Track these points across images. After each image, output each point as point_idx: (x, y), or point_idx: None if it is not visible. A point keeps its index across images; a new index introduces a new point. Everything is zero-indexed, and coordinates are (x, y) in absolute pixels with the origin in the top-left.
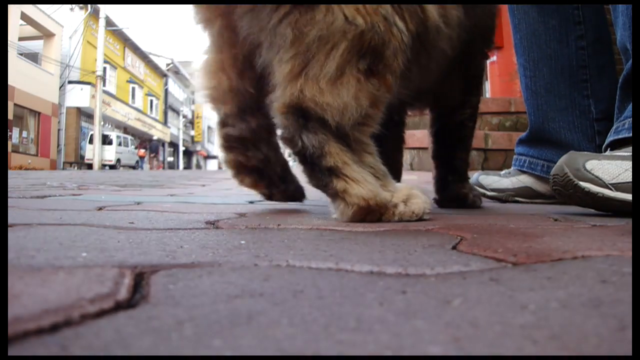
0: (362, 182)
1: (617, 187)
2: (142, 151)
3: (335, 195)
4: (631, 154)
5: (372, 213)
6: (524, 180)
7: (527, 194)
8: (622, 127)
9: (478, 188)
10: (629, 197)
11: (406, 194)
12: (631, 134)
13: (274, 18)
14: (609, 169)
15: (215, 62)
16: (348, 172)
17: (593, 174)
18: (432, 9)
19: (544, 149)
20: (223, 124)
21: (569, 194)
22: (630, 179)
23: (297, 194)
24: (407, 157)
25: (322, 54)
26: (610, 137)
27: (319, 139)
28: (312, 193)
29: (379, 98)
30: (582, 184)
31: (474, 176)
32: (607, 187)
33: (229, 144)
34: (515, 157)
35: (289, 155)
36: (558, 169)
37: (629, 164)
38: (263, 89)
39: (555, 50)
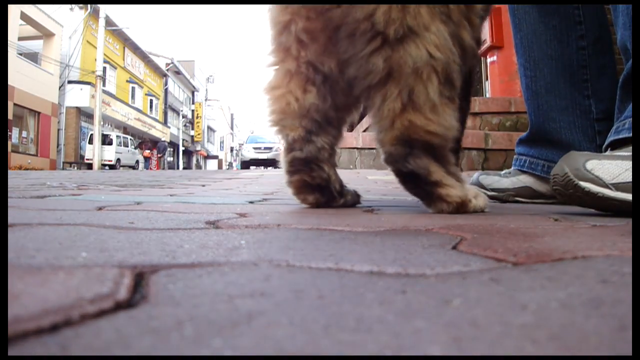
0: (456, 187)
1: (618, 186)
2: (147, 152)
3: (437, 199)
4: (631, 153)
5: (462, 207)
6: (524, 180)
7: (527, 194)
8: (622, 127)
9: (478, 188)
10: (629, 197)
11: (474, 193)
12: (631, 134)
13: (367, 49)
14: (609, 169)
15: (277, 86)
16: (447, 182)
17: (593, 174)
18: (467, 36)
19: (545, 149)
20: (290, 149)
21: (569, 193)
22: (630, 178)
23: (354, 202)
24: None
25: (421, 86)
26: (610, 137)
27: (424, 162)
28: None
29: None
30: (583, 183)
31: (474, 176)
32: (607, 187)
33: (294, 167)
34: (515, 157)
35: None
36: (558, 168)
37: (629, 164)
38: (332, 105)
39: (556, 50)
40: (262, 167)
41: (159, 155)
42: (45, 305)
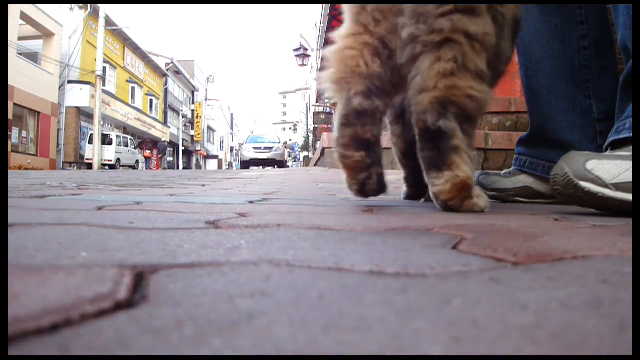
0: (469, 164)
1: (618, 187)
2: (147, 152)
3: (447, 166)
4: (632, 153)
5: (464, 191)
6: (525, 180)
7: (527, 194)
8: (622, 127)
9: (479, 188)
10: (629, 197)
11: (478, 192)
12: (632, 134)
13: (439, 10)
14: (610, 169)
15: (351, 47)
16: (462, 155)
17: (593, 174)
18: (505, 45)
19: (545, 150)
20: (348, 103)
21: (569, 193)
22: (631, 179)
23: (383, 188)
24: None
25: (473, 54)
26: (611, 137)
27: (453, 126)
28: (308, 193)
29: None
30: (583, 183)
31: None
32: (608, 187)
33: (348, 120)
34: (515, 157)
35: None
36: (558, 168)
37: (629, 164)
38: (389, 80)
39: (558, 49)
40: (262, 167)
41: (159, 156)
42: (45, 305)
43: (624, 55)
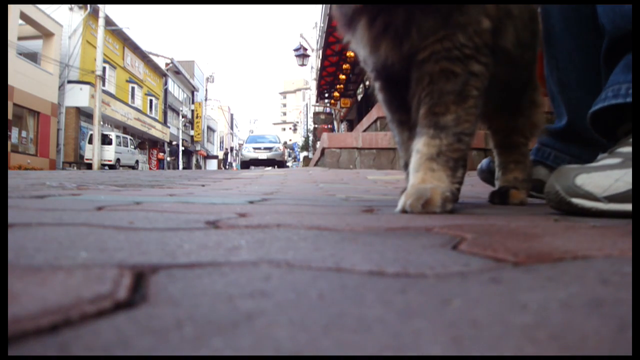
0: None
1: (610, 199)
2: (161, 154)
3: None
4: (620, 161)
5: None
6: (536, 173)
7: (537, 188)
8: (599, 99)
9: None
10: (623, 207)
11: None
12: (606, 104)
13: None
14: (599, 182)
15: None
16: None
17: (584, 190)
18: None
19: (572, 144)
20: None
21: (563, 209)
22: (621, 189)
23: None
24: None
25: None
26: (590, 110)
27: None
28: (310, 194)
29: None
30: (575, 200)
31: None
32: (600, 201)
33: None
34: (537, 146)
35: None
36: (549, 186)
37: (618, 174)
38: None
39: (589, 40)
40: (263, 167)
41: (172, 158)
42: (45, 306)
43: (603, 31)
